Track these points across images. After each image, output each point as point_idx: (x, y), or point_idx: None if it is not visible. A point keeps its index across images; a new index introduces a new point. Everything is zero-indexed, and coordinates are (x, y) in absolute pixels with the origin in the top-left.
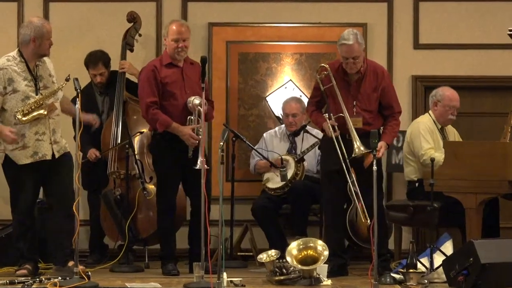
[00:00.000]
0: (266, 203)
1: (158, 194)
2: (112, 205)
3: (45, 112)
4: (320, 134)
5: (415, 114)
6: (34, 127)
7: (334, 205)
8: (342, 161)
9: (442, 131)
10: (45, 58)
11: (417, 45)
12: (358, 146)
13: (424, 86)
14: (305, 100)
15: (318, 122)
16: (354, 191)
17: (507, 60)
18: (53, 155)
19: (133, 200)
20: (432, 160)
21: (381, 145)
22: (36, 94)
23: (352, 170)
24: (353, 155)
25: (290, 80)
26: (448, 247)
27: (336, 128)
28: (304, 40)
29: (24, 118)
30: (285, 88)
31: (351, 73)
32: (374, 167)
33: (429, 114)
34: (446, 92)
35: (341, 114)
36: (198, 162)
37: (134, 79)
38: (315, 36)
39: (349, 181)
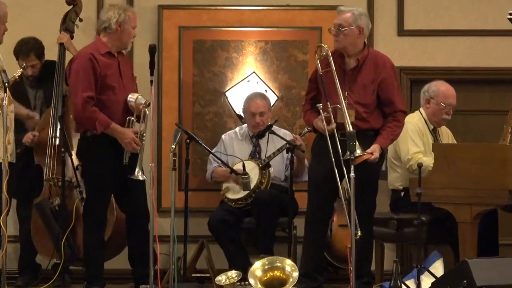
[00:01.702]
0: (226, 216)
1: (86, 207)
2: (48, 217)
3: None
4: (288, 135)
5: None
6: None
7: (318, 220)
8: (340, 159)
9: (434, 132)
10: None
11: (401, 32)
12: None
13: (410, 79)
14: (270, 96)
15: (310, 123)
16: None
17: (507, 49)
18: None
19: (71, 212)
20: (420, 165)
21: (374, 148)
22: None
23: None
24: (344, 157)
25: (254, 72)
26: (438, 268)
27: (332, 120)
28: (270, 26)
29: None
30: (248, 82)
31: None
32: (352, 174)
33: (420, 113)
34: (440, 88)
35: (338, 105)
36: (136, 172)
37: None
38: (282, 20)
39: (346, 178)
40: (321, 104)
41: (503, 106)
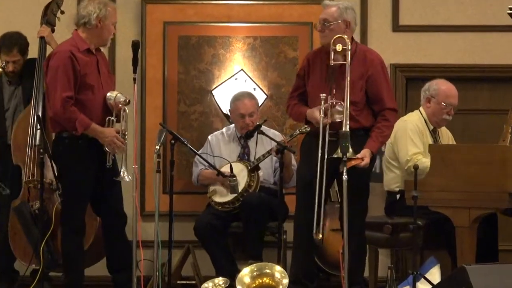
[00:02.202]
0: (212, 220)
1: (64, 211)
2: (27, 221)
3: None
4: (278, 136)
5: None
6: None
7: (307, 223)
8: (329, 160)
9: (434, 133)
10: None
11: (396, 27)
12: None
13: (406, 77)
14: (259, 95)
15: (300, 114)
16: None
17: (507, 45)
18: None
19: (51, 216)
20: (415, 168)
21: (364, 153)
22: None
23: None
24: (334, 155)
25: (242, 69)
26: (434, 274)
27: (329, 114)
28: (259, 21)
29: None
30: (236, 80)
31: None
32: (344, 176)
33: (420, 112)
34: (442, 86)
35: (341, 102)
36: (122, 173)
37: None
38: (272, 15)
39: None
40: (324, 94)
41: (503, 105)
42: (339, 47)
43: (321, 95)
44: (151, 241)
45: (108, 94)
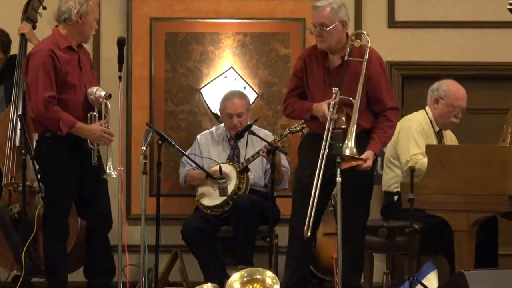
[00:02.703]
0: (201, 224)
1: (46, 214)
2: (7, 225)
3: None
4: (269, 136)
5: None
6: None
7: (303, 228)
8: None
9: (439, 134)
10: None
11: (392, 23)
12: (351, 147)
13: (402, 75)
14: (250, 94)
15: (304, 108)
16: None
17: (507, 42)
18: None
19: (32, 220)
20: (412, 169)
21: (368, 155)
22: None
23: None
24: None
25: (231, 67)
26: (432, 280)
27: (335, 110)
28: (249, 17)
29: None
30: (225, 78)
31: (321, 48)
32: (338, 178)
33: (425, 111)
34: (452, 88)
35: (350, 99)
36: (107, 169)
37: None
38: (262, 11)
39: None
40: (337, 88)
41: (503, 104)
42: (358, 43)
43: (333, 88)
44: (137, 246)
45: (88, 90)
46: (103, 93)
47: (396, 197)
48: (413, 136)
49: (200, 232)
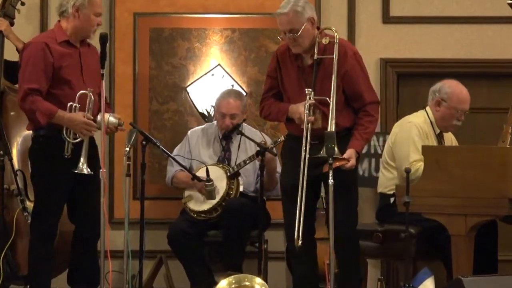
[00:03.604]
0: (187, 228)
1: (34, 216)
2: None
3: None
4: (258, 136)
5: (385, 109)
6: None
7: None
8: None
9: (439, 137)
10: None
11: (387, 19)
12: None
13: (397, 72)
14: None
15: (280, 111)
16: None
17: (507, 38)
18: None
19: (11, 224)
20: (407, 171)
21: (350, 154)
22: None
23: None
24: (319, 155)
25: (219, 64)
26: (428, 286)
27: (311, 111)
28: (237, 12)
29: None
30: (212, 76)
31: (296, 52)
32: (331, 181)
33: (426, 112)
34: (455, 90)
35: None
36: (80, 164)
37: (15, 57)
38: (251, 6)
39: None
40: (310, 89)
41: (503, 104)
42: (325, 40)
43: (306, 89)
44: (120, 251)
45: (98, 118)
46: (115, 121)
47: (392, 199)
48: (414, 141)
49: (187, 236)
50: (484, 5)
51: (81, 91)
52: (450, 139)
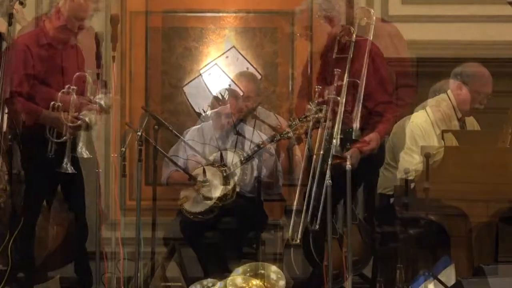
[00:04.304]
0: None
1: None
2: None
3: None
4: (273, 119)
5: None
6: None
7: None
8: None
9: (461, 121)
10: None
11: (386, 18)
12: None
13: (396, 71)
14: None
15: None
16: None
17: (507, 37)
18: None
19: (19, 211)
20: (406, 171)
21: (371, 137)
22: None
23: None
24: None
25: (216, 64)
26: (448, 275)
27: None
28: (235, 10)
29: None
30: (209, 75)
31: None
32: (329, 181)
33: (426, 112)
34: (477, 73)
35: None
36: (79, 148)
37: None
38: (249, 4)
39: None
40: (320, 86)
41: (503, 103)
42: (344, 39)
43: (316, 87)
44: (131, 239)
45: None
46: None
47: (392, 199)
48: (416, 142)
49: (200, 223)
50: (484, 5)
51: (62, 90)
52: (472, 126)
